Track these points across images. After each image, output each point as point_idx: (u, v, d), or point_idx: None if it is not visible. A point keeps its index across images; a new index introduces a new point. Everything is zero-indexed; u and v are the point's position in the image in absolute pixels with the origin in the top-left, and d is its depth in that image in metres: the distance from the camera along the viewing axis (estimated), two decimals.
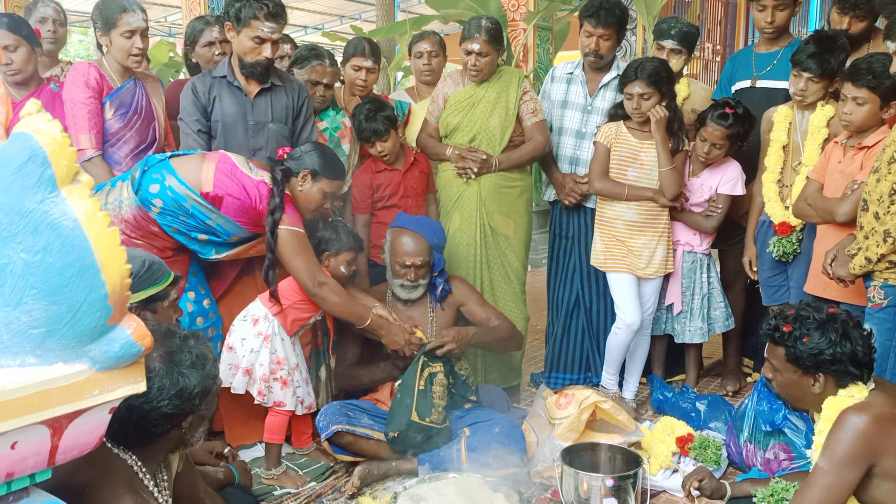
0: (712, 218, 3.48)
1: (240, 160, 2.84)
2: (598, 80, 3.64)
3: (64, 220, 1.13)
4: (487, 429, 2.89)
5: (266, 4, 2.92)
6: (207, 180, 2.76)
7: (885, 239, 2.50)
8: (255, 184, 2.78)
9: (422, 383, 2.86)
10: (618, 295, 3.46)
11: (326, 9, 14.19)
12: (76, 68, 3.09)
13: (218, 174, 2.77)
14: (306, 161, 2.88)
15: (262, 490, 2.79)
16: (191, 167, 2.78)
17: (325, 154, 2.93)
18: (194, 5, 7.12)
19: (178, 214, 2.76)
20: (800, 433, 2.73)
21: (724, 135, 3.36)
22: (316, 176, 2.88)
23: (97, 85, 3.03)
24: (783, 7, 3.53)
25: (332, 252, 2.96)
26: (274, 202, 2.78)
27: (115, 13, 3.01)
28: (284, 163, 2.88)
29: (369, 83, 3.71)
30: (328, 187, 2.90)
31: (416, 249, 3.04)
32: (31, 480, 1.21)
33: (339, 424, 2.86)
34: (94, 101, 3.02)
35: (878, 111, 2.83)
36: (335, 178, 2.93)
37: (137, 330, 1.22)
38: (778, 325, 2.21)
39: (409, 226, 3.10)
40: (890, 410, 2.05)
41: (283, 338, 2.89)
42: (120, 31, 3.01)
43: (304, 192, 2.89)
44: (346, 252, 2.97)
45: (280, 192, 2.80)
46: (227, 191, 2.76)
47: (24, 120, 1.13)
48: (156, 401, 1.64)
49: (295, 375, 2.91)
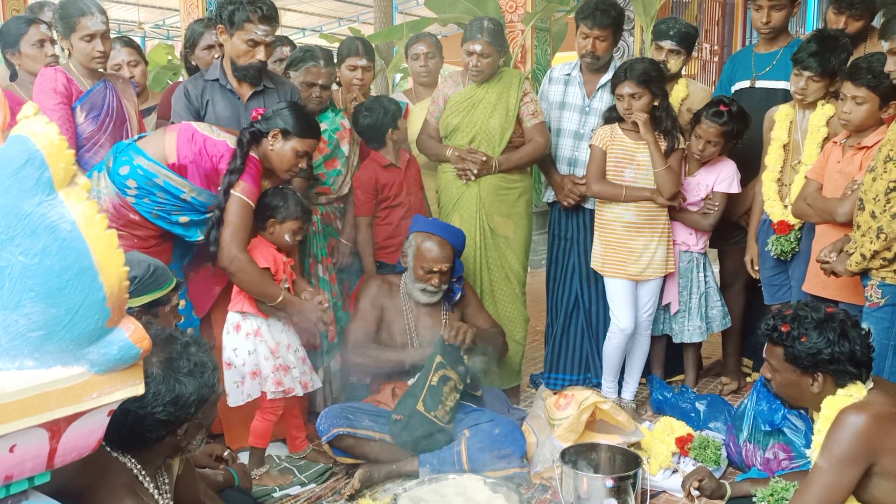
0: (709, 216, 3.49)
1: (203, 126, 2.83)
2: (596, 81, 3.64)
3: (62, 223, 1.13)
4: (488, 430, 2.89)
5: (259, 7, 2.91)
6: (171, 151, 2.75)
7: (879, 235, 2.51)
8: (215, 144, 2.76)
9: (434, 379, 2.87)
10: (613, 300, 3.48)
11: (324, 11, 14.22)
12: (43, 75, 3.03)
13: (180, 142, 2.76)
14: (276, 120, 2.82)
15: (262, 492, 2.79)
16: (155, 142, 2.79)
17: (297, 112, 2.88)
18: (192, 8, 7.12)
19: (154, 193, 2.75)
20: (799, 433, 2.73)
21: (718, 132, 3.37)
22: (287, 134, 2.82)
23: (65, 90, 2.98)
24: (779, 7, 3.53)
25: (277, 219, 2.90)
26: (234, 163, 2.74)
27: (74, 17, 2.98)
28: (255, 125, 2.83)
29: (366, 81, 3.72)
30: (300, 146, 2.84)
31: (444, 255, 3.05)
32: (29, 483, 1.21)
33: (340, 427, 2.85)
34: (63, 106, 2.97)
35: (878, 111, 2.83)
36: (307, 136, 2.87)
37: (136, 332, 1.22)
38: (776, 324, 2.21)
39: (435, 231, 3.10)
40: (889, 409, 2.05)
41: (268, 325, 2.89)
42: (79, 35, 2.98)
43: (276, 151, 2.84)
44: (291, 220, 2.90)
45: (243, 154, 2.76)
46: (190, 157, 2.75)
47: (22, 123, 1.13)
48: (150, 406, 1.63)
49: (289, 357, 2.91)
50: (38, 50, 3.33)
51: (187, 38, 3.70)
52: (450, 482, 2.67)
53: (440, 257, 3.04)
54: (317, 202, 3.44)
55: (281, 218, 2.90)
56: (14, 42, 3.34)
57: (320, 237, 3.46)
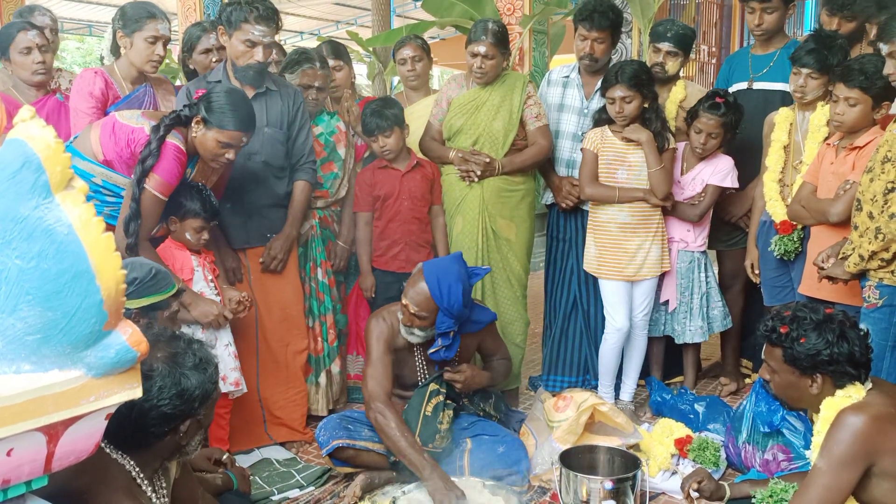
0: (696, 207, 3.50)
1: (126, 114, 2.72)
2: (594, 83, 3.64)
3: (58, 226, 1.13)
4: (492, 446, 2.86)
5: (256, 7, 2.91)
6: (97, 147, 2.69)
7: (877, 236, 2.51)
8: (133, 131, 2.63)
9: (429, 409, 2.82)
10: (608, 301, 3.49)
11: (322, 14, 14.21)
12: (81, 76, 3.07)
13: (103, 137, 2.68)
14: (200, 106, 2.68)
15: (261, 496, 2.79)
16: (85, 140, 2.72)
17: (223, 100, 2.69)
18: (190, 12, 7.12)
19: (99, 191, 2.69)
20: (798, 434, 2.73)
21: (718, 123, 3.39)
22: (207, 123, 2.67)
23: (101, 95, 3.01)
24: (771, 10, 3.54)
25: (177, 217, 2.80)
26: (146, 150, 2.58)
27: (143, 17, 3.01)
28: (184, 108, 2.70)
29: (339, 81, 3.70)
30: (221, 136, 2.67)
31: (416, 299, 2.75)
32: (27, 487, 1.21)
33: (340, 439, 2.81)
34: (96, 110, 3.01)
35: (870, 112, 2.84)
36: (230, 127, 2.68)
37: (133, 336, 1.22)
38: (775, 326, 2.21)
39: (428, 275, 2.77)
40: (887, 410, 2.05)
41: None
42: (144, 35, 3.01)
43: (198, 139, 2.70)
44: (191, 218, 2.79)
45: (158, 140, 2.59)
46: (114, 151, 2.66)
47: (18, 126, 1.13)
48: (156, 399, 1.65)
49: (221, 351, 2.85)
50: (25, 57, 3.32)
51: (185, 41, 3.70)
52: None
53: (412, 298, 2.76)
54: (314, 206, 3.45)
55: (181, 215, 2.79)
56: (4, 49, 3.34)
57: (318, 240, 3.46)
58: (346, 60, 3.80)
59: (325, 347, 3.46)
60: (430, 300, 2.74)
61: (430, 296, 2.74)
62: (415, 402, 2.85)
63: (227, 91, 2.76)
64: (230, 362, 2.91)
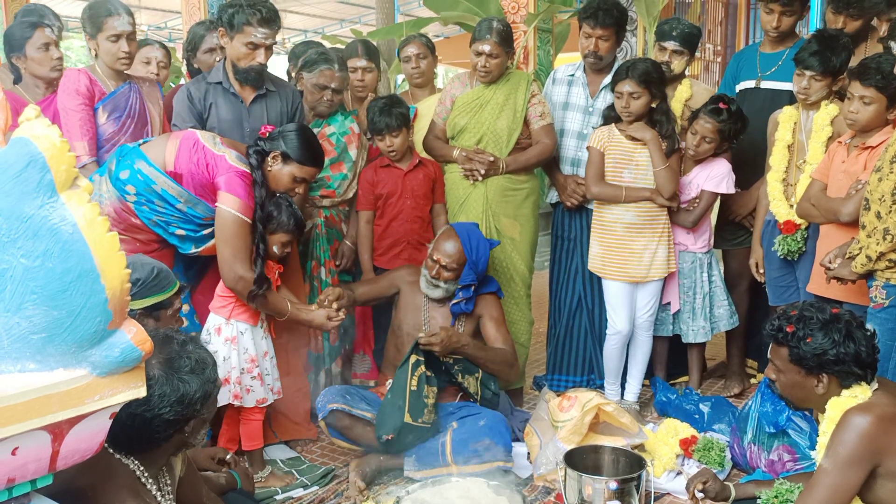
0: (690, 213, 3.49)
1: (206, 136, 2.82)
2: (599, 81, 3.64)
3: (63, 225, 1.13)
4: (473, 422, 2.90)
5: (259, 10, 2.90)
6: (171, 158, 2.76)
7: (885, 237, 2.50)
8: (214, 157, 2.75)
9: (414, 383, 2.83)
10: (611, 302, 3.49)
11: (326, 12, 14.21)
12: (66, 76, 3.09)
13: (181, 150, 2.76)
14: (280, 142, 2.82)
15: (264, 495, 2.79)
16: (158, 148, 2.79)
17: (302, 137, 2.86)
18: (194, 10, 7.13)
19: (152, 201, 2.76)
20: (804, 434, 2.73)
21: (714, 129, 3.37)
22: (286, 159, 2.83)
23: (88, 91, 3.02)
24: (791, 13, 3.53)
25: (268, 229, 2.86)
26: (258, 191, 2.77)
27: (101, 17, 3.02)
28: (259, 143, 2.84)
29: (367, 83, 3.71)
30: (298, 172, 2.85)
31: (449, 251, 3.06)
32: (32, 486, 1.21)
33: (336, 403, 2.87)
34: (85, 107, 3.01)
35: (885, 111, 2.83)
36: (307, 163, 2.86)
37: (138, 335, 1.22)
38: (781, 325, 2.21)
39: (459, 230, 3.12)
40: (893, 410, 2.04)
41: (251, 332, 2.87)
42: (106, 35, 3.02)
43: (273, 172, 2.84)
44: (281, 233, 2.86)
45: (258, 172, 2.78)
46: (188, 166, 2.74)
47: (23, 125, 1.14)
48: (157, 408, 1.64)
49: (265, 363, 2.91)
50: (44, 53, 3.34)
51: (189, 40, 3.70)
52: (453, 485, 2.67)
53: (444, 251, 3.06)
54: (321, 205, 3.44)
55: (272, 229, 2.86)
56: (20, 46, 3.35)
57: (324, 240, 3.45)
58: (377, 63, 3.80)
59: (325, 346, 3.45)
60: (461, 253, 3.05)
61: (461, 249, 3.05)
62: (400, 377, 2.86)
63: (305, 129, 2.94)
64: (274, 373, 2.95)
